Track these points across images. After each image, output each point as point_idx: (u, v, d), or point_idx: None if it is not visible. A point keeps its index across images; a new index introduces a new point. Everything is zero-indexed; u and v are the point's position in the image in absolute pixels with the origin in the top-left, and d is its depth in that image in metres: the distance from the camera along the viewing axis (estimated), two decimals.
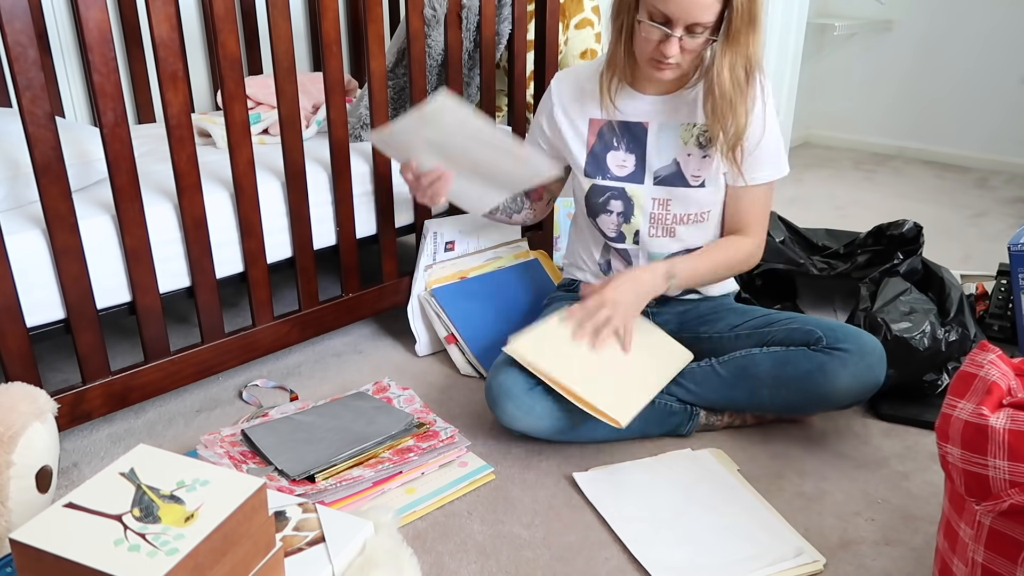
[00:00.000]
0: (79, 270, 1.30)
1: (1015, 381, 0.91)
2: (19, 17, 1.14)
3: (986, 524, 0.87)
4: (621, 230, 1.50)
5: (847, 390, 1.33)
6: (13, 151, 1.36)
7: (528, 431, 1.38)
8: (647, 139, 1.45)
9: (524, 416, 1.35)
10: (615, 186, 1.47)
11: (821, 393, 1.33)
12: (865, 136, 3.70)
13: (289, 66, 1.47)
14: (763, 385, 1.37)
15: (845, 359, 1.32)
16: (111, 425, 1.52)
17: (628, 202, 1.48)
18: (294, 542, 0.97)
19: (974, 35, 3.29)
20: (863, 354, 1.33)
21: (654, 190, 1.46)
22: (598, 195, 1.49)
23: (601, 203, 1.50)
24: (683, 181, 1.44)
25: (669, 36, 1.27)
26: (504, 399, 1.36)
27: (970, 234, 2.57)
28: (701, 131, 1.42)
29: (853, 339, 1.34)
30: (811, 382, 1.33)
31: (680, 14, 1.25)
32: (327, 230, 1.66)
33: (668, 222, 1.47)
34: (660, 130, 1.44)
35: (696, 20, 1.25)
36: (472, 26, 1.80)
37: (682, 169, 1.44)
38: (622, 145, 1.47)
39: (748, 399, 1.41)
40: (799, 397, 1.36)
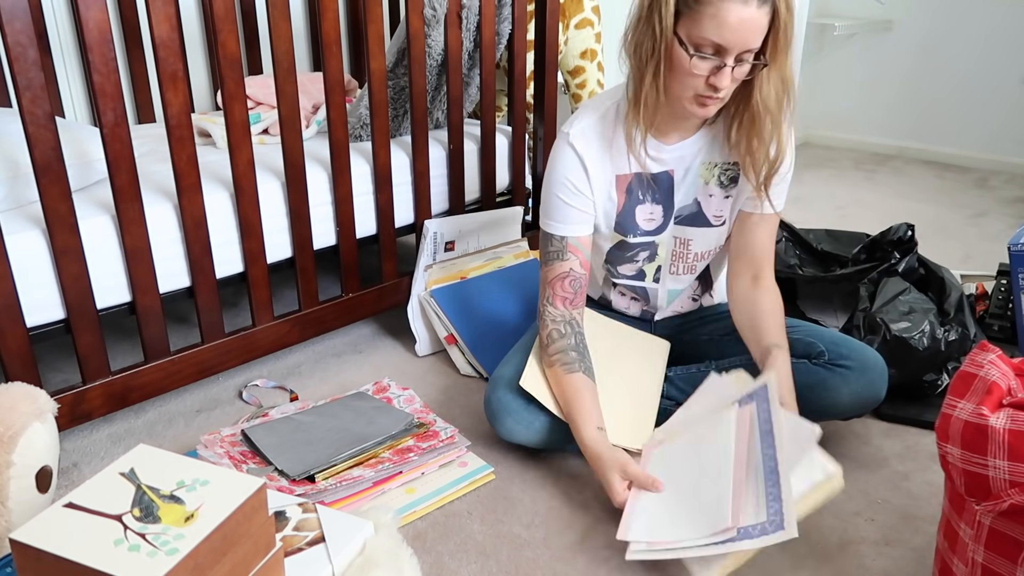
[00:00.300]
0: (79, 270, 1.30)
1: (1015, 381, 0.91)
2: (19, 17, 1.14)
3: (986, 524, 0.87)
4: (642, 269, 1.45)
5: (847, 405, 1.32)
6: (13, 151, 1.36)
7: (527, 444, 1.37)
8: (674, 186, 1.36)
9: (524, 431, 1.35)
10: (645, 241, 1.41)
11: (821, 407, 1.32)
12: (865, 136, 3.70)
13: (289, 66, 1.47)
14: None
15: (847, 375, 1.31)
16: (111, 425, 1.52)
17: (653, 248, 1.42)
18: (294, 542, 0.97)
19: (974, 35, 3.29)
20: (865, 370, 1.31)
21: (675, 229, 1.40)
22: (626, 250, 1.42)
23: (628, 256, 1.43)
24: (704, 221, 1.39)
25: (722, 67, 1.13)
26: (503, 415, 1.36)
27: (970, 234, 2.57)
28: (723, 170, 1.34)
29: (856, 355, 1.32)
30: (811, 396, 1.31)
31: (737, 41, 1.11)
32: (327, 230, 1.66)
33: (689, 260, 1.44)
34: (685, 175, 1.36)
35: (750, 47, 1.13)
36: (472, 26, 1.80)
37: (703, 209, 1.38)
38: (647, 197, 1.36)
39: None
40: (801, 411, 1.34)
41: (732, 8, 1.09)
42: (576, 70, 2.19)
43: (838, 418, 1.37)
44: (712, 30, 1.11)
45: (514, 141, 1.96)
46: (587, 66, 2.19)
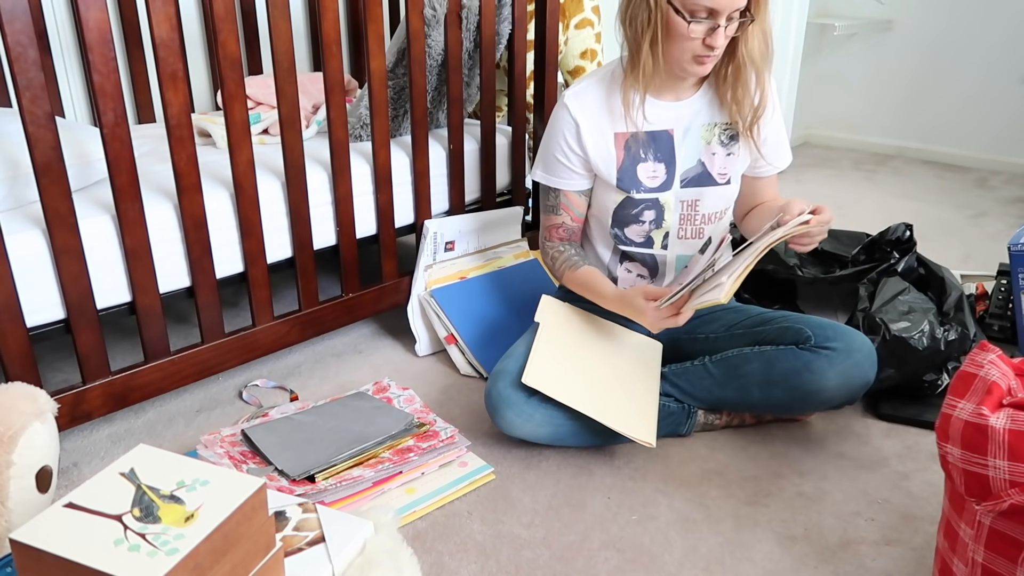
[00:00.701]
0: (79, 270, 1.30)
1: (1015, 381, 0.91)
2: (19, 17, 1.14)
3: (986, 524, 0.87)
4: (650, 235, 1.48)
5: (835, 389, 1.32)
6: (13, 151, 1.36)
7: (528, 438, 1.38)
8: (674, 145, 1.42)
9: (524, 424, 1.36)
10: (648, 198, 1.44)
11: (808, 391, 1.33)
12: (865, 136, 3.70)
13: (289, 66, 1.47)
14: (753, 383, 1.37)
15: (832, 357, 1.32)
16: (111, 425, 1.52)
17: (660, 209, 1.45)
18: (294, 542, 0.97)
19: (974, 35, 3.29)
20: (850, 352, 1.32)
21: (681, 192, 1.44)
22: (631, 207, 1.45)
23: (634, 215, 1.46)
24: (711, 180, 1.44)
25: (716, 28, 1.26)
26: (504, 407, 1.36)
27: (970, 234, 2.57)
28: (722, 129, 1.42)
29: (842, 338, 1.34)
30: (798, 380, 1.33)
31: (727, 4, 1.24)
32: (327, 230, 1.66)
33: (697, 222, 1.46)
34: (685, 134, 1.42)
35: (739, 6, 1.25)
36: (472, 26, 1.80)
37: (708, 169, 1.43)
38: (650, 155, 1.42)
39: (739, 397, 1.41)
40: (787, 395, 1.35)
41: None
42: (576, 70, 2.19)
43: (829, 405, 1.36)
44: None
45: (514, 141, 1.96)
46: (587, 66, 2.19)
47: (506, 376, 1.38)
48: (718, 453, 1.42)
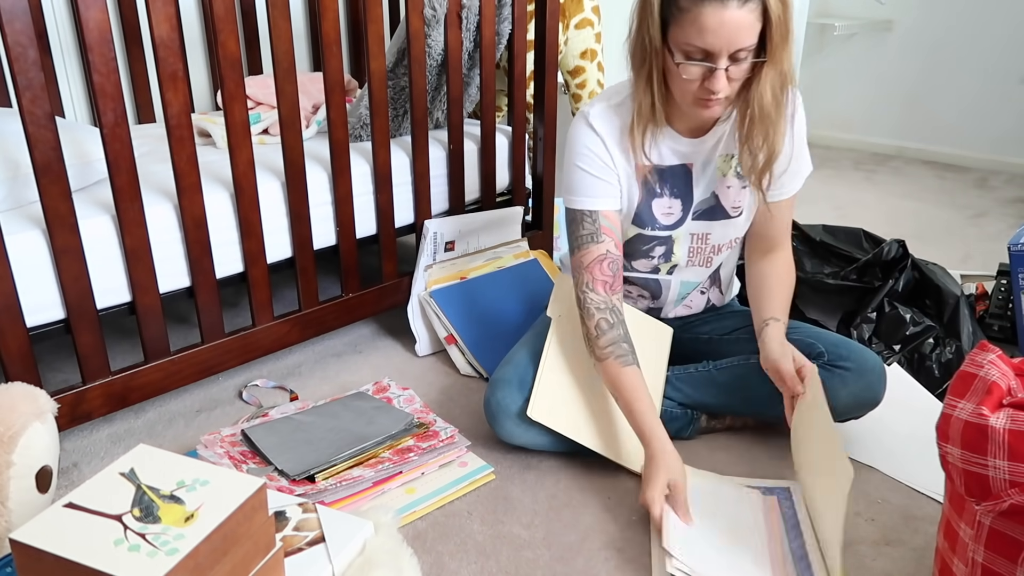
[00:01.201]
0: (79, 270, 1.30)
1: (1015, 381, 0.91)
2: (19, 17, 1.14)
3: (986, 524, 0.87)
4: (658, 266, 1.44)
5: (845, 407, 1.32)
6: (13, 151, 1.35)
7: (527, 446, 1.38)
8: (692, 180, 1.35)
9: (523, 433, 1.36)
10: (662, 235, 1.39)
11: None
12: (865, 136, 3.70)
13: (289, 66, 1.47)
14: (762, 396, 1.35)
15: (845, 377, 1.31)
16: (111, 425, 1.52)
17: (670, 244, 1.41)
18: (294, 542, 0.97)
19: (974, 35, 3.29)
20: (863, 372, 1.31)
21: (692, 225, 1.39)
22: (642, 243, 1.41)
23: (644, 250, 1.42)
24: (723, 213, 1.38)
25: (714, 70, 1.13)
26: (503, 417, 1.36)
27: (970, 234, 2.57)
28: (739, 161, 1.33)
29: (855, 357, 1.32)
30: None
31: (722, 44, 1.10)
32: (327, 230, 1.66)
33: (707, 252, 1.43)
34: (703, 168, 1.34)
35: (740, 46, 1.11)
36: (472, 26, 1.80)
37: (721, 202, 1.37)
38: (666, 190, 1.35)
39: (744, 406, 1.41)
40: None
41: (710, 12, 1.08)
42: (576, 70, 2.19)
43: (835, 419, 1.36)
44: (695, 35, 1.10)
45: (514, 141, 1.96)
46: (587, 66, 2.19)
47: (505, 385, 1.37)
48: (718, 453, 1.42)
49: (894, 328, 1.59)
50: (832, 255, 1.82)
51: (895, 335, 1.59)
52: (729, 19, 1.08)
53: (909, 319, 1.59)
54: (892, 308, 1.61)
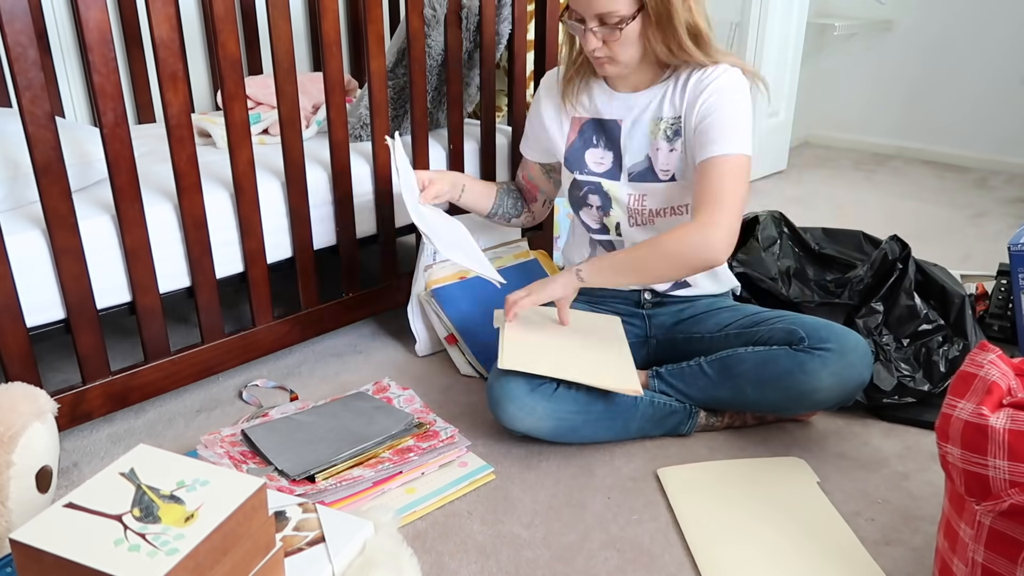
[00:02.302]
0: (79, 270, 1.30)
1: (1015, 381, 0.91)
2: (19, 17, 1.14)
3: (986, 524, 0.87)
4: (603, 222, 1.53)
5: (829, 389, 1.32)
6: (13, 151, 1.36)
7: (530, 432, 1.38)
8: (620, 136, 1.47)
9: (526, 417, 1.36)
10: (592, 181, 1.50)
11: (802, 391, 1.32)
12: (865, 136, 3.70)
13: (289, 66, 1.47)
14: (747, 384, 1.37)
15: (826, 358, 1.31)
16: (111, 425, 1.52)
17: (605, 197, 1.50)
18: (294, 542, 0.97)
19: (974, 35, 3.29)
20: (844, 352, 1.32)
21: (629, 186, 1.48)
22: (578, 189, 1.53)
23: (581, 196, 1.53)
24: (654, 176, 1.45)
25: (584, 31, 1.34)
26: (506, 401, 1.36)
27: (970, 234, 2.57)
28: (668, 124, 1.42)
29: (836, 339, 1.33)
30: (792, 381, 1.32)
31: (583, 9, 1.32)
32: (327, 230, 1.66)
33: (646, 215, 1.49)
34: (632, 127, 1.46)
35: (600, 11, 1.30)
36: (472, 26, 1.80)
37: (653, 164, 1.45)
38: (600, 143, 1.50)
39: (733, 397, 1.41)
40: (782, 396, 1.35)
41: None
42: None
43: (824, 405, 1.36)
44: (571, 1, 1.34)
45: (514, 141, 1.96)
46: None
47: (510, 372, 1.37)
48: (717, 454, 1.42)
49: (905, 321, 1.57)
50: (834, 262, 1.82)
51: (905, 328, 1.57)
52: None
53: (924, 315, 1.58)
54: (910, 299, 1.59)
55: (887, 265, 1.64)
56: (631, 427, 1.42)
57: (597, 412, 1.39)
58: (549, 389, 1.36)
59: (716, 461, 1.39)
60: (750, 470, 1.36)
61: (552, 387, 1.36)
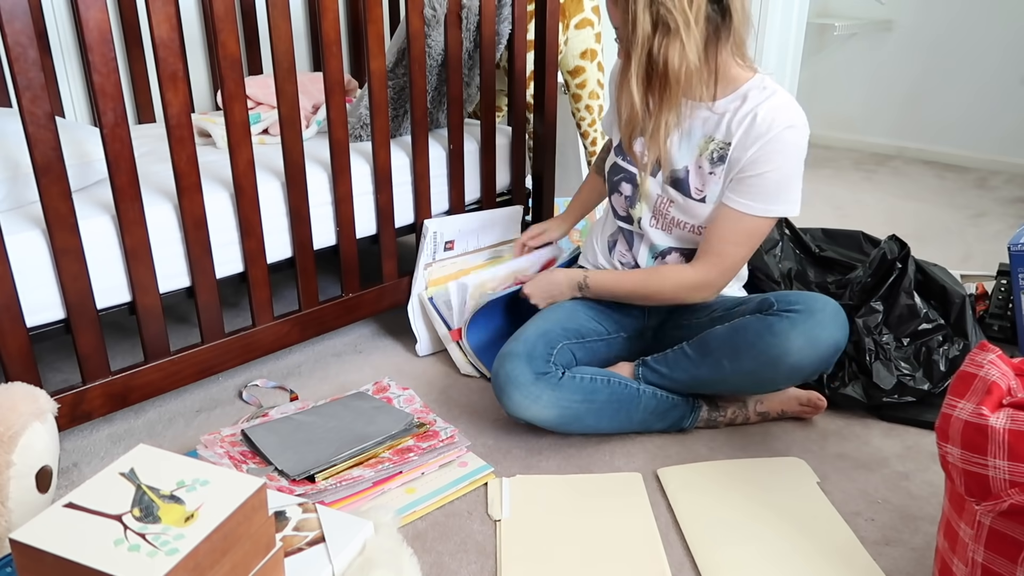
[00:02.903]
0: (79, 270, 1.30)
1: (1015, 381, 0.91)
2: (19, 17, 1.14)
3: (986, 524, 0.87)
4: (629, 212, 1.53)
5: (799, 350, 1.31)
6: (13, 151, 1.36)
7: (533, 420, 1.37)
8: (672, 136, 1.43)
9: (531, 405, 1.36)
10: (630, 170, 1.50)
11: (774, 355, 1.31)
12: (865, 136, 3.70)
13: (289, 66, 1.47)
14: (722, 356, 1.37)
15: (794, 319, 1.31)
16: (111, 425, 1.52)
17: (636, 189, 1.49)
18: (294, 542, 0.97)
19: (974, 35, 3.29)
20: (812, 312, 1.32)
21: (660, 187, 1.46)
22: (615, 173, 1.53)
23: (616, 181, 1.53)
24: (686, 189, 1.43)
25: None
26: (511, 388, 1.36)
27: (970, 234, 2.57)
28: (717, 146, 1.38)
29: (804, 301, 1.34)
30: (763, 344, 1.32)
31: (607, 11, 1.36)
32: (327, 230, 1.66)
33: (667, 220, 1.48)
34: (685, 133, 1.42)
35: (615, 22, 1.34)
36: (472, 26, 1.80)
37: (689, 178, 1.42)
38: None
39: (713, 374, 1.40)
40: (755, 363, 1.34)
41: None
42: (576, 70, 2.19)
43: (800, 371, 1.33)
44: None
45: (514, 141, 1.96)
46: (587, 66, 2.18)
47: (514, 357, 1.38)
48: (718, 453, 1.42)
49: (905, 320, 1.57)
50: (835, 264, 1.82)
51: (905, 327, 1.57)
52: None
53: (924, 314, 1.58)
54: (909, 298, 1.59)
55: (886, 265, 1.64)
56: (634, 419, 1.42)
57: (601, 402, 1.39)
58: (555, 377, 1.37)
59: (716, 461, 1.39)
60: (750, 470, 1.36)
61: (557, 375, 1.37)
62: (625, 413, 1.42)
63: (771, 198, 1.37)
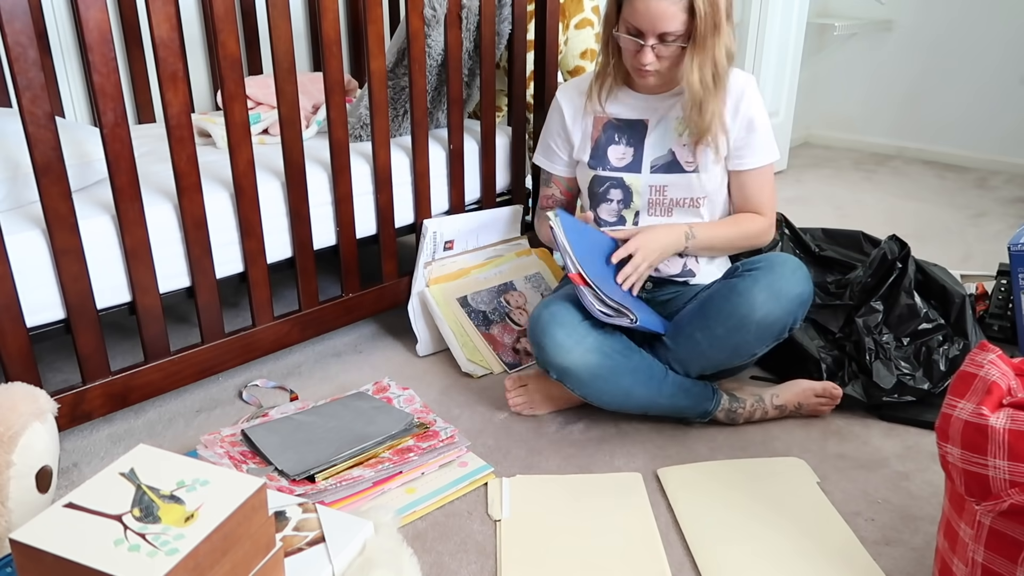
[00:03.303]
0: (79, 270, 1.30)
1: (1015, 381, 0.91)
2: (19, 17, 1.14)
3: (986, 524, 0.87)
4: (622, 214, 1.56)
5: (764, 305, 1.34)
6: (13, 151, 1.36)
7: (573, 366, 1.37)
8: (646, 134, 1.53)
9: (574, 346, 1.36)
10: (614, 176, 1.54)
11: (741, 315, 1.35)
12: (865, 136, 3.70)
13: (289, 66, 1.47)
14: (695, 330, 1.40)
15: (756, 276, 1.36)
16: (111, 425, 1.52)
17: (627, 190, 1.54)
18: (294, 542, 0.97)
19: (974, 35, 3.29)
20: (772, 267, 1.36)
21: (651, 178, 1.53)
22: (599, 185, 1.56)
23: (601, 192, 1.56)
24: (678, 167, 1.51)
25: (643, 47, 1.39)
26: (555, 327, 1.37)
27: (970, 234, 2.57)
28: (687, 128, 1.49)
29: (766, 259, 1.39)
30: (728, 306, 1.36)
31: (648, 26, 1.36)
32: (327, 230, 1.66)
33: (666, 204, 1.53)
34: (658, 124, 1.53)
35: (664, 30, 1.36)
36: (472, 26, 1.80)
37: (677, 157, 1.51)
38: (623, 140, 1.55)
39: (690, 352, 1.42)
40: (725, 328, 1.37)
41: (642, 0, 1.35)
42: (576, 70, 2.19)
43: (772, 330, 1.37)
44: (631, 16, 1.38)
45: (514, 141, 1.96)
46: (587, 66, 2.18)
47: (558, 301, 1.40)
48: (718, 454, 1.42)
49: (905, 320, 1.57)
50: (835, 264, 1.81)
51: (905, 327, 1.57)
52: (655, 8, 1.34)
53: (924, 314, 1.58)
54: (909, 298, 1.59)
55: (886, 265, 1.64)
56: (664, 390, 1.43)
57: (637, 361, 1.41)
58: (597, 324, 1.39)
59: (716, 461, 1.39)
60: (750, 470, 1.36)
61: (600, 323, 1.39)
62: (657, 382, 1.43)
63: (769, 143, 1.52)
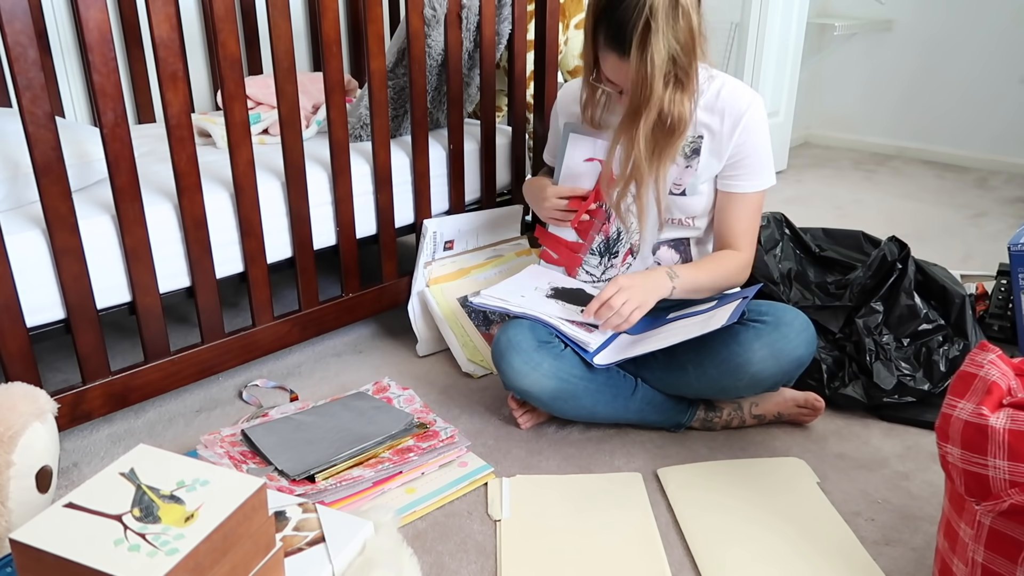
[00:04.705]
0: (79, 270, 1.30)
1: (1015, 381, 0.91)
2: (19, 17, 1.14)
3: (986, 524, 0.87)
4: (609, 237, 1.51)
5: (762, 361, 1.31)
6: (13, 151, 1.36)
7: (530, 390, 1.36)
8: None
9: (530, 372, 1.35)
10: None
11: (736, 364, 1.32)
12: (865, 136, 3.70)
13: (289, 66, 1.47)
14: (688, 362, 1.38)
15: (760, 330, 1.32)
16: (111, 425, 1.52)
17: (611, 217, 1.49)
18: (294, 542, 0.97)
19: (974, 35, 3.29)
20: (778, 325, 1.32)
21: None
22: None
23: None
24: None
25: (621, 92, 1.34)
26: (512, 353, 1.36)
27: (970, 234, 2.57)
28: (688, 143, 1.40)
29: (773, 312, 1.35)
30: (727, 352, 1.33)
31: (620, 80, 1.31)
32: (327, 230, 1.66)
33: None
34: None
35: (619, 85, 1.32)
36: (472, 26, 1.80)
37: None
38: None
39: (678, 378, 1.41)
40: (718, 371, 1.35)
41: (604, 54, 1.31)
42: (576, 70, 2.19)
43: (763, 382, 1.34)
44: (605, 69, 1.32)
45: (514, 141, 1.96)
46: None
47: (518, 325, 1.39)
48: (718, 454, 1.42)
49: (906, 320, 1.57)
50: (835, 264, 1.81)
51: (905, 328, 1.57)
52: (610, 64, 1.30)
53: (924, 315, 1.58)
54: (910, 299, 1.59)
55: (886, 266, 1.64)
56: (631, 408, 1.42)
57: (599, 383, 1.39)
58: (556, 348, 1.37)
59: (716, 461, 1.39)
60: (750, 470, 1.36)
61: (559, 347, 1.37)
62: (623, 400, 1.42)
63: (765, 170, 1.42)
